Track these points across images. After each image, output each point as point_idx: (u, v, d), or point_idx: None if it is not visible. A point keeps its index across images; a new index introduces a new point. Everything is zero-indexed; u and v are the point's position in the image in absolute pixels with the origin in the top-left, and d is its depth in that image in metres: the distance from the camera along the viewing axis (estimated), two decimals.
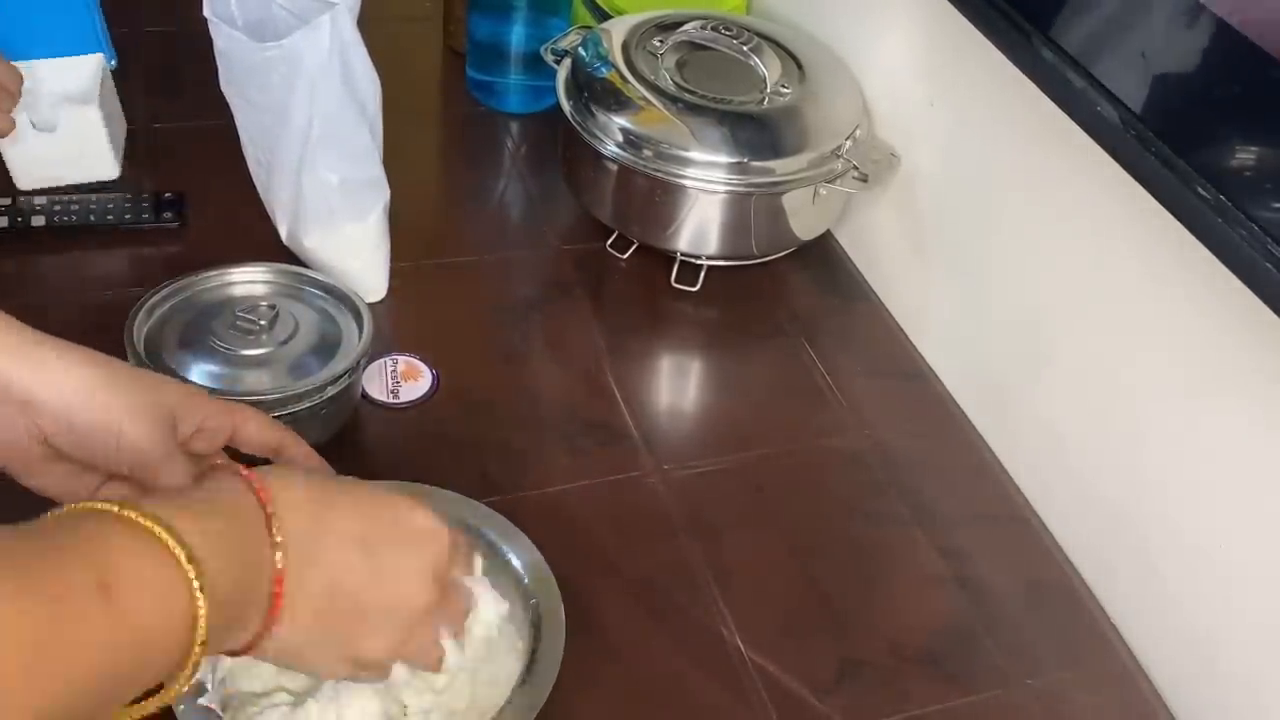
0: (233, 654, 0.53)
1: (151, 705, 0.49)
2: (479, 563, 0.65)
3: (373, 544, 0.57)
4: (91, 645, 0.44)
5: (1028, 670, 0.75)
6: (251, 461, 0.67)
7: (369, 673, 0.59)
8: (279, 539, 0.52)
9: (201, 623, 0.47)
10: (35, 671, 0.42)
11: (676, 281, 0.99)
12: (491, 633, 0.64)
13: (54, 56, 0.99)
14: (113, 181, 1.00)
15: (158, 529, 0.47)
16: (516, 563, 0.72)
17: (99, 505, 0.48)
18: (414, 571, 0.58)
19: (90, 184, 0.99)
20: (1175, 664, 0.76)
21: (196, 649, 0.48)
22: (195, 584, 0.47)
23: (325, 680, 0.62)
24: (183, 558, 0.47)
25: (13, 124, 0.89)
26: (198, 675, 0.50)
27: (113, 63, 1.06)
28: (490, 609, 0.64)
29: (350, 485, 0.59)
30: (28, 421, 0.61)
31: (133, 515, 0.48)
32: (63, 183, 0.98)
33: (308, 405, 0.78)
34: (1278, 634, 0.70)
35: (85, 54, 1.01)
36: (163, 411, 0.63)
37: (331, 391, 0.79)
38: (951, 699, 0.73)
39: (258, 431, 0.67)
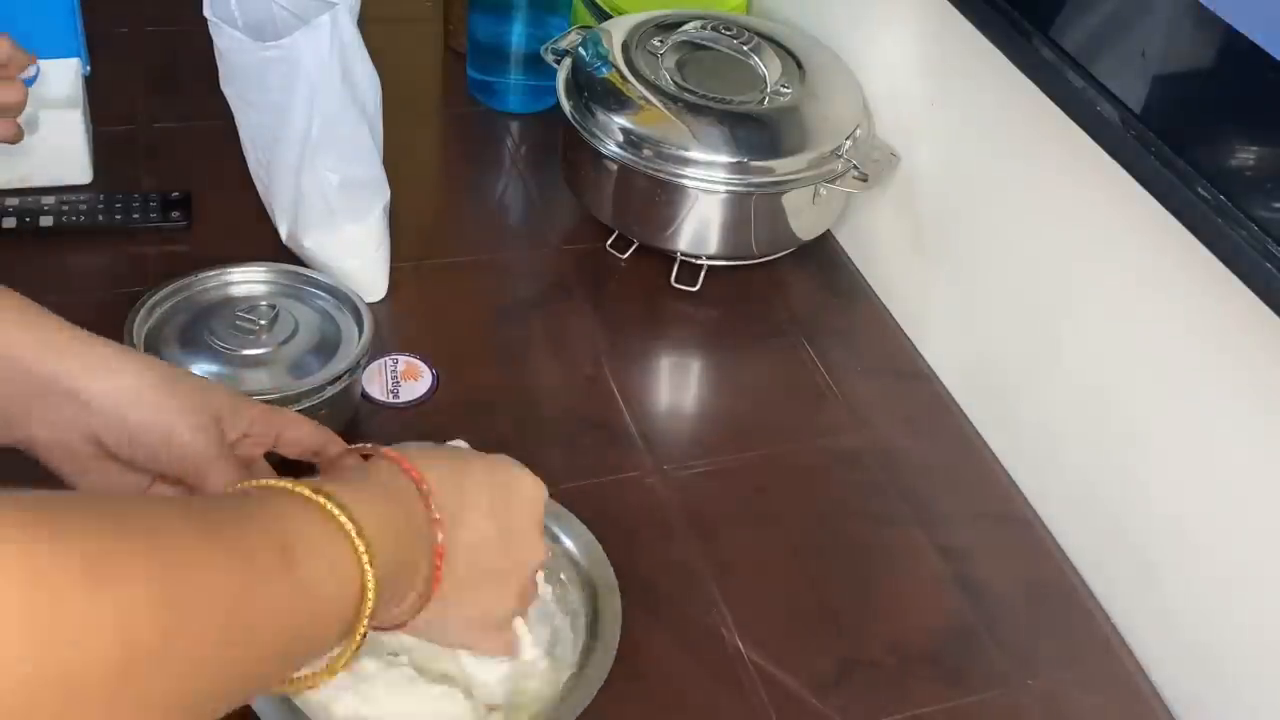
0: (382, 629, 0.56)
1: (317, 679, 0.52)
2: None
3: (499, 512, 0.60)
4: (277, 608, 0.46)
5: (1028, 670, 0.75)
6: (292, 466, 0.69)
7: (497, 632, 0.62)
8: (438, 515, 0.55)
9: (370, 596, 0.49)
10: (231, 630, 0.43)
11: (676, 281, 0.99)
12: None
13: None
14: (87, 185, 1.00)
15: (331, 505, 0.49)
16: (573, 547, 0.73)
17: (273, 483, 0.51)
18: (532, 532, 0.62)
19: (63, 186, 0.98)
20: (1175, 664, 0.76)
21: (364, 623, 0.49)
22: (365, 558, 0.49)
23: (449, 647, 0.64)
24: (354, 533, 0.49)
25: (20, 132, 0.88)
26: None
27: (87, 69, 1.05)
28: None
29: (469, 456, 0.62)
30: (80, 419, 0.62)
31: (306, 492, 0.50)
32: (32, 184, 0.98)
33: (307, 405, 0.78)
34: (1277, 634, 0.70)
35: (64, 58, 1.00)
36: (211, 414, 0.64)
37: (331, 392, 0.79)
38: (952, 699, 0.73)
39: (301, 436, 0.69)
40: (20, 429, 0.62)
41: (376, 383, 0.87)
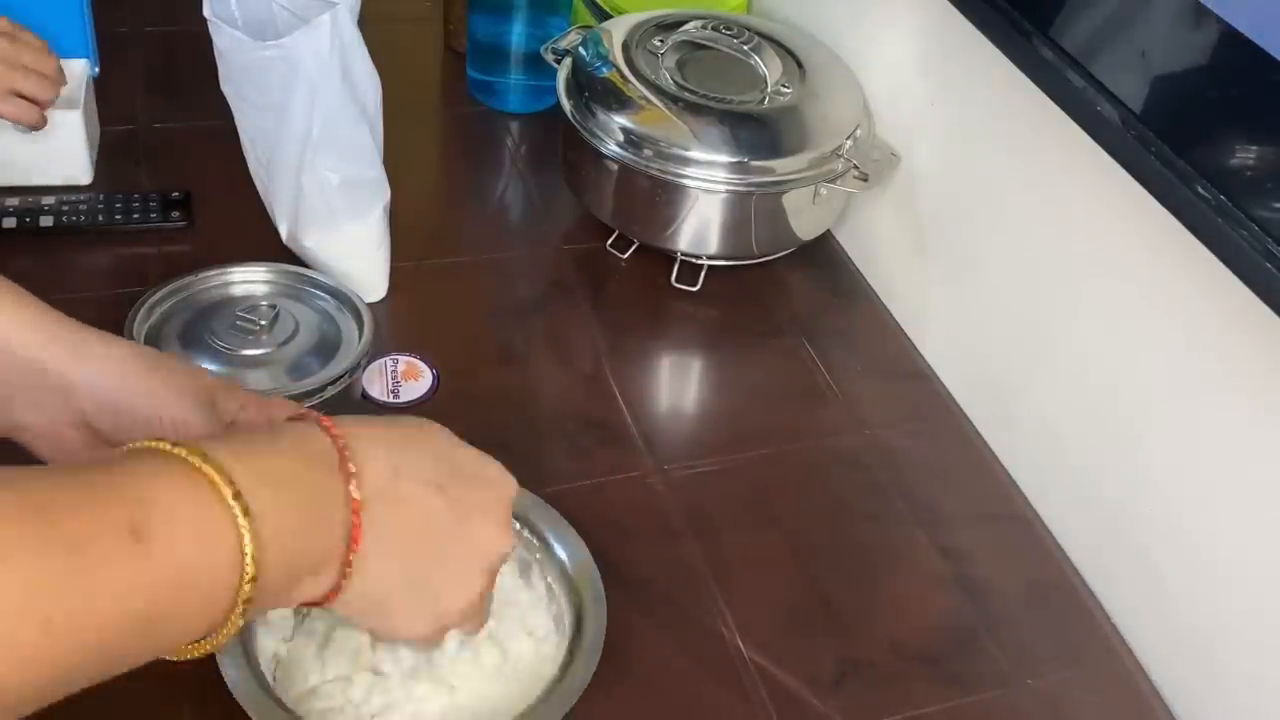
0: (312, 604, 0.52)
1: (198, 649, 0.48)
2: None
3: (449, 488, 0.55)
4: (118, 589, 0.43)
5: (1028, 670, 0.75)
6: None
7: (450, 628, 0.58)
8: (353, 469, 0.51)
9: (249, 562, 0.46)
10: (55, 624, 0.41)
11: (677, 281, 0.99)
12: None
13: None
14: (87, 185, 1.00)
15: (204, 465, 0.46)
16: (562, 554, 0.73)
17: (147, 443, 0.47)
18: (493, 517, 0.58)
19: (63, 186, 0.98)
20: (1175, 664, 0.76)
21: (245, 587, 0.46)
22: (241, 520, 0.46)
23: (408, 643, 0.62)
24: (228, 494, 0.46)
25: (44, 120, 0.88)
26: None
27: (95, 70, 1.05)
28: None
29: (421, 427, 0.58)
30: (68, 406, 0.61)
31: (180, 452, 0.46)
32: (32, 183, 0.98)
33: (308, 406, 0.78)
34: (1277, 634, 0.70)
35: (73, 58, 1.01)
36: (203, 393, 0.64)
37: (331, 392, 0.79)
38: (952, 699, 0.73)
39: None
40: (6, 415, 0.62)
41: (377, 383, 0.87)
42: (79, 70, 1.00)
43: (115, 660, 0.44)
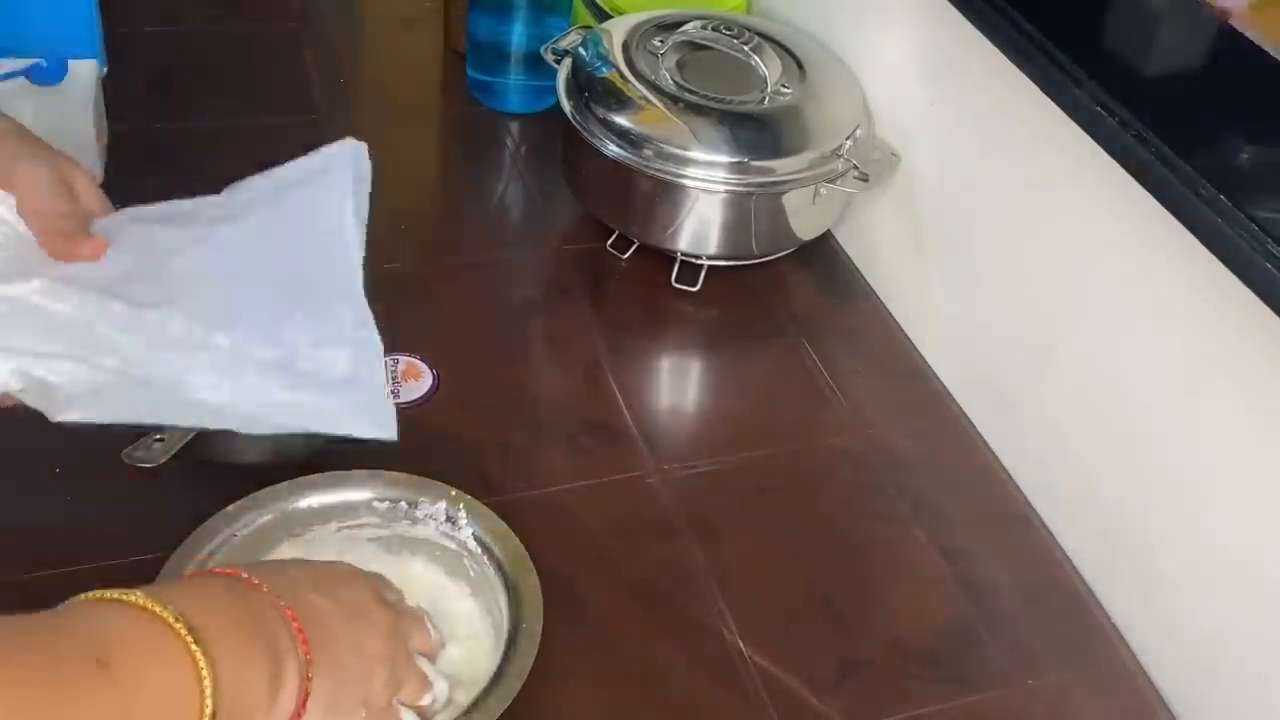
0: None
1: None
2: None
3: (326, 588, 0.60)
4: (89, 715, 0.44)
5: (1029, 670, 0.75)
6: None
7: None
8: (268, 590, 0.55)
9: (207, 684, 0.48)
10: None
11: (677, 281, 0.99)
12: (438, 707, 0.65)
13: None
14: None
15: (156, 608, 0.49)
16: (498, 551, 0.72)
17: (98, 594, 0.50)
18: (368, 598, 0.62)
19: None
20: (1175, 664, 0.76)
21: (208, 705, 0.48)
22: (198, 654, 0.48)
23: None
24: (183, 631, 0.48)
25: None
26: None
27: (104, 69, 1.05)
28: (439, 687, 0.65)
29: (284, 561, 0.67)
30: None
31: (134, 598, 0.49)
32: None
33: None
34: (1277, 634, 0.70)
35: (82, 59, 1.01)
36: (60, 177, 0.67)
37: None
38: (952, 699, 0.73)
39: None
40: None
41: None
42: (88, 71, 1.00)
43: None
